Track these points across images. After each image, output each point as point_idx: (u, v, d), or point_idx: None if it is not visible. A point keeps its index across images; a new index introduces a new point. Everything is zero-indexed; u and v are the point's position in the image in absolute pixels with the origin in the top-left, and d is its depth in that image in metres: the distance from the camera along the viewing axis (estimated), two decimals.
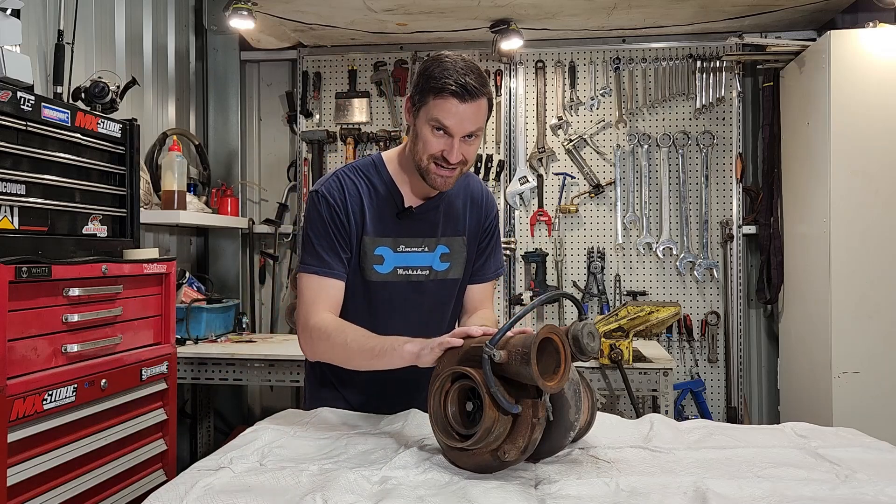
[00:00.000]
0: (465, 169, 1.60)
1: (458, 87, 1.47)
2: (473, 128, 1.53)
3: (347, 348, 1.51)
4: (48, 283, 1.85)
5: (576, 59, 3.74)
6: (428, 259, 1.68)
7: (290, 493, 1.13)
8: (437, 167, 1.54)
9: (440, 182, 1.56)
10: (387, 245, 1.65)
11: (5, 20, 2.02)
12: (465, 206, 1.74)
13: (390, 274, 1.65)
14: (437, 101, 1.50)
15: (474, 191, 1.77)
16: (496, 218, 1.82)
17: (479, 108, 1.52)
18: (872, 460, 1.30)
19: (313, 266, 1.61)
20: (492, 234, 1.81)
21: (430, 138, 1.53)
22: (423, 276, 1.68)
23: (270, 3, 3.25)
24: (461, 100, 1.48)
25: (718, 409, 3.67)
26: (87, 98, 2.39)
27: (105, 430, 2.05)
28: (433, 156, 1.53)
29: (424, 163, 1.55)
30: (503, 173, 3.74)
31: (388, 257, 1.65)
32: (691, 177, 3.66)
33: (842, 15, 3.39)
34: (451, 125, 1.50)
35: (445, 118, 1.50)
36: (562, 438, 1.26)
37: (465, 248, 1.73)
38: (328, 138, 3.81)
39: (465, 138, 1.53)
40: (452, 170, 1.55)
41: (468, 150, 1.55)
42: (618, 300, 3.66)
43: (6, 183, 1.86)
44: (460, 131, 1.51)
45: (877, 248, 2.86)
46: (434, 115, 1.51)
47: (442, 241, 1.70)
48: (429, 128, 1.52)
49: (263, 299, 3.99)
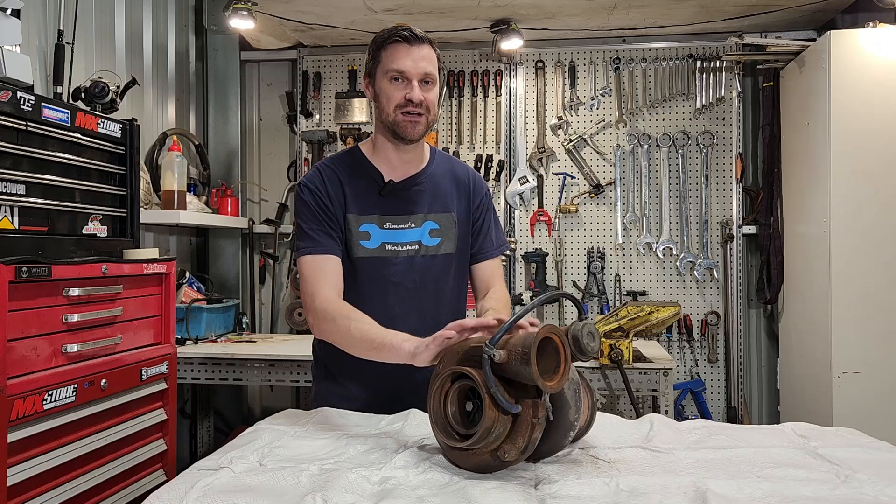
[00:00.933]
0: (431, 119, 1.66)
1: (405, 32, 1.63)
2: (428, 68, 1.63)
3: (350, 335, 1.54)
4: (48, 283, 1.85)
5: (576, 59, 3.74)
6: (416, 234, 1.73)
7: (290, 494, 1.13)
8: (405, 115, 1.63)
9: (410, 129, 1.64)
10: (373, 222, 1.69)
11: (5, 20, 2.02)
12: (451, 187, 1.80)
13: (378, 249, 1.69)
14: (388, 51, 1.64)
15: (458, 173, 1.84)
16: (487, 196, 1.87)
17: (429, 52, 1.64)
18: (872, 460, 1.30)
19: (308, 248, 1.67)
20: (484, 212, 1.85)
21: (391, 90, 1.63)
22: (413, 251, 1.71)
23: (270, 3, 3.25)
24: (409, 42, 1.62)
25: (718, 409, 3.67)
26: (87, 98, 2.39)
27: (105, 430, 2.05)
28: (398, 105, 1.63)
29: (392, 115, 1.64)
30: (503, 173, 3.74)
31: (374, 233, 1.69)
32: (691, 177, 3.66)
33: (842, 15, 3.39)
34: (407, 67, 1.61)
35: (399, 62, 1.62)
36: (562, 438, 1.26)
37: (455, 224, 1.78)
38: (328, 138, 3.81)
39: (422, 83, 1.62)
40: (419, 115, 1.63)
41: (428, 96, 1.64)
42: (618, 300, 3.66)
43: (6, 183, 1.86)
44: (416, 72, 1.62)
45: (877, 248, 2.86)
46: (388, 67, 1.63)
47: (430, 218, 1.74)
48: (387, 80, 1.64)
49: (263, 299, 3.99)
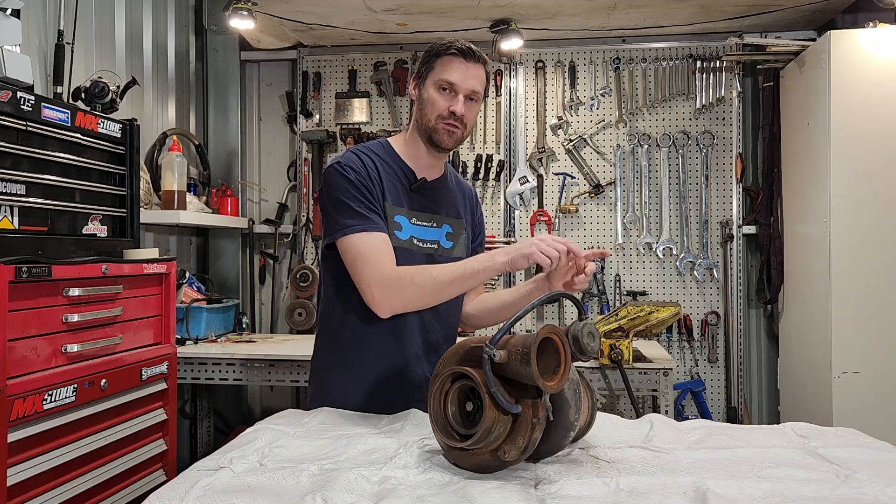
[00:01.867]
0: (465, 134, 1.70)
1: (463, 48, 1.64)
2: (476, 87, 1.66)
3: (437, 282, 1.57)
4: (48, 283, 1.85)
5: (576, 59, 3.74)
6: (436, 234, 1.76)
7: (290, 494, 1.13)
8: (445, 124, 1.65)
9: (447, 138, 1.66)
10: (403, 214, 1.71)
11: (5, 20, 2.02)
12: (460, 198, 1.86)
13: (407, 241, 1.70)
14: (443, 61, 1.65)
15: (464, 188, 1.91)
16: (482, 216, 1.96)
17: (481, 72, 1.67)
18: (872, 460, 1.30)
19: (361, 225, 1.59)
20: (481, 229, 1.94)
21: (437, 98, 1.65)
22: (432, 251, 1.74)
23: (270, 3, 3.25)
24: (465, 58, 1.64)
25: (718, 409, 3.67)
26: (87, 98, 2.39)
27: (105, 430, 2.05)
28: (441, 115, 1.65)
29: (432, 122, 1.66)
30: (503, 173, 3.74)
31: (405, 226, 1.71)
32: (691, 177, 3.66)
33: (842, 15, 3.39)
34: (457, 80, 1.63)
35: (451, 74, 1.63)
36: (562, 438, 1.26)
37: (464, 230, 1.83)
38: (328, 138, 3.81)
39: (467, 100, 1.65)
40: (457, 127, 1.65)
41: (469, 112, 1.67)
42: (618, 300, 3.66)
43: (6, 183, 1.86)
44: (465, 87, 1.64)
45: (877, 248, 2.86)
46: (440, 76, 1.65)
47: (447, 221, 1.79)
48: (435, 88, 1.66)
49: (263, 299, 3.99)
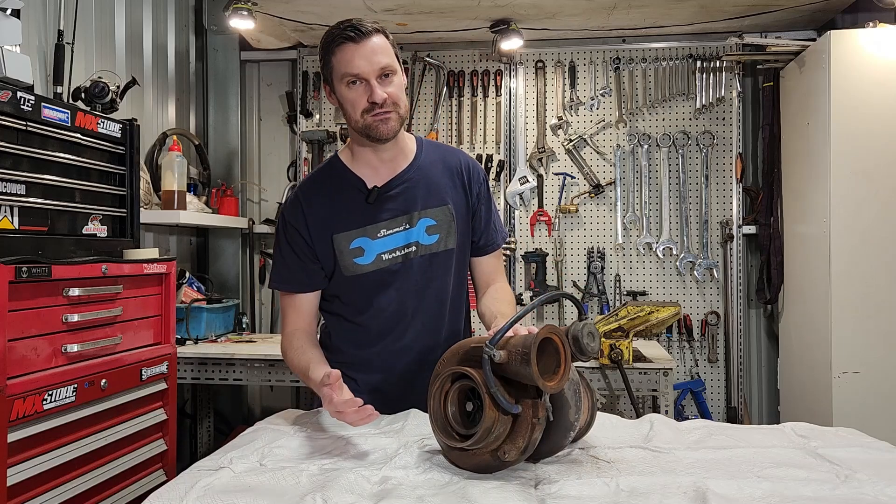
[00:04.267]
0: (403, 112, 1.60)
1: (349, 31, 1.52)
2: (383, 61, 1.54)
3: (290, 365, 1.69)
4: (48, 283, 1.85)
5: (576, 59, 3.74)
6: (413, 235, 1.67)
7: (290, 493, 1.13)
8: (373, 116, 1.56)
9: (382, 128, 1.58)
10: (364, 235, 1.65)
11: (5, 20, 2.02)
12: (444, 178, 1.72)
13: (374, 263, 1.65)
14: (337, 56, 1.54)
15: (450, 163, 1.75)
16: (485, 183, 1.79)
17: (379, 43, 1.54)
18: (872, 460, 1.30)
19: (282, 285, 1.74)
20: (484, 202, 1.77)
21: (351, 95, 1.56)
22: (411, 253, 1.67)
23: (270, 3, 3.25)
24: (355, 41, 1.52)
25: (718, 409, 3.67)
26: (87, 98, 2.39)
27: (105, 430, 2.05)
28: (364, 110, 1.56)
29: (361, 120, 1.57)
30: (503, 173, 3.74)
31: (367, 247, 1.65)
32: (691, 177, 3.66)
33: (842, 15, 3.39)
34: (360, 68, 1.53)
35: (350, 65, 1.53)
36: (562, 438, 1.26)
37: (452, 217, 1.70)
38: (328, 138, 3.81)
39: (381, 78, 1.54)
40: (387, 112, 1.56)
41: (390, 89, 1.56)
42: (618, 300, 3.66)
43: (6, 183, 1.86)
44: (369, 70, 1.53)
45: (877, 248, 2.86)
46: (341, 71, 1.54)
47: (425, 214, 1.68)
48: (344, 86, 1.56)
49: (263, 299, 3.99)
